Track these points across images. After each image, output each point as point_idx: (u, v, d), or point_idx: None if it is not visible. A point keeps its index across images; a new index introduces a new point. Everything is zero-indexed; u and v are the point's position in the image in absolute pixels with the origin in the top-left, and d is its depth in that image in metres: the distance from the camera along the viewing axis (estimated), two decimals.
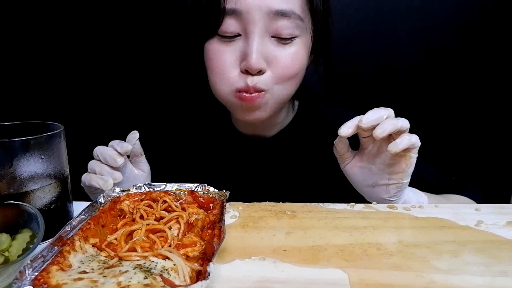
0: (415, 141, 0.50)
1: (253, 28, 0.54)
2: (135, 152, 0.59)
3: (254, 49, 0.54)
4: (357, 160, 0.57)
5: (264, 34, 0.55)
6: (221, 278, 0.35)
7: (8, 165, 0.41)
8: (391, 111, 0.50)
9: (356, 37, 1.01)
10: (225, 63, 0.57)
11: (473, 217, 0.48)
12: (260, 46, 0.55)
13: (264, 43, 0.55)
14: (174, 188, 0.50)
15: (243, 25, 0.55)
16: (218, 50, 0.58)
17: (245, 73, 0.56)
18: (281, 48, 0.57)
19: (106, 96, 1.07)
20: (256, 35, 0.55)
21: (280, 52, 0.57)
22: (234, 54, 0.57)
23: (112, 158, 0.55)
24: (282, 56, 0.57)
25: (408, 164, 0.52)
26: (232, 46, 0.57)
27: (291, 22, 0.55)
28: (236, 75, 0.57)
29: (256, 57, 0.54)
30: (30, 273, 0.30)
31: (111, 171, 0.55)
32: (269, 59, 0.56)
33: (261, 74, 0.56)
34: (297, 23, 0.56)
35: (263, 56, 0.55)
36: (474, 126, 1.08)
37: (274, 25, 0.55)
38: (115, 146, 0.56)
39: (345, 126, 0.50)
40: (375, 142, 0.54)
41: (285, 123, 0.73)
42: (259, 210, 0.50)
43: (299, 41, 0.58)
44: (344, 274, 0.36)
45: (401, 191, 0.54)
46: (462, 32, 1.01)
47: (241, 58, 0.56)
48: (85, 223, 0.39)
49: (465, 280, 0.35)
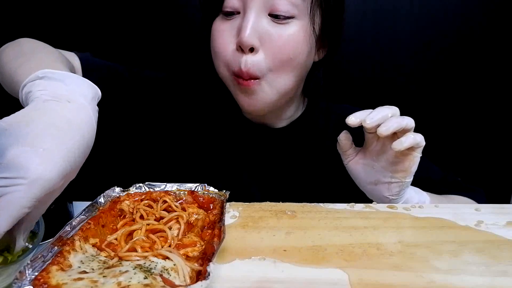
0: (420, 140, 0.50)
1: (250, 3, 0.54)
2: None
3: (248, 24, 0.54)
4: (361, 156, 0.57)
5: (260, 11, 0.55)
6: (221, 278, 0.35)
7: None
8: (396, 109, 0.50)
9: (356, 37, 1.01)
10: (224, 40, 0.57)
11: (473, 217, 0.48)
12: (255, 23, 0.54)
13: (260, 21, 0.55)
14: (174, 188, 0.50)
15: (243, 1, 0.55)
16: (219, 29, 0.58)
17: (239, 51, 0.56)
18: (276, 27, 0.55)
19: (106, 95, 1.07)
20: (252, 11, 0.54)
21: (275, 31, 0.55)
22: (231, 32, 0.57)
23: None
24: (276, 36, 0.55)
25: (412, 163, 0.52)
26: (231, 23, 0.57)
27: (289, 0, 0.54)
28: (230, 52, 0.57)
29: (249, 32, 0.53)
30: (30, 273, 0.30)
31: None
32: (263, 37, 0.55)
33: (254, 53, 0.55)
34: (296, 1, 0.55)
35: (257, 34, 0.55)
36: (475, 126, 1.08)
37: (271, 1, 0.54)
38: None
39: (353, 115, 0.50)
40: (380, 140, 0.54)
41: (295, 117, 0.73)
42: (259, 210, 0.50)
43: (297, 23, 0.56)
44: (344, 274, 0.36)
45: (403, 190, 0.54)
46: (462, 32, 1.01)
47: (237, 34, 0.56)
48: (85, 223, 0.39)
49: (465, 280, 0.35)
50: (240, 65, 0.55)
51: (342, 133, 0.57)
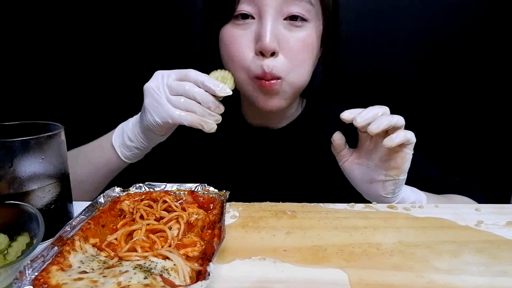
0: (410, 137, 0.51)
1: (266, 9, 0.56)
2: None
3: (268, 29, 0.55)
4: (355, 157, 0.58)
5: (277, 16, 0.57)
6: (221, 278, 0.35)
7: (8, 165, 0.41)
8: (386, 108, 0.51)
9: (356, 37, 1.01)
10: (241, 46, 0.58)
11: (473, 217, 0.48)
12: (273, 28, 0.56)
13: (277, 26, 0.57)
14: (174, 188, 0.50)
15: (257, 7, 0.57)
16: (233, 35, 0.59)
17: (260, 56, 0.57)
18: (292, 31, 0.58)
19: (106, 96, 1.07)
20: (270, 16, 0.56)
21: (292, 35, 0.58)
22: (248, 37, 0.58)
23: (215, 104, 0.52)
24: (293, 39, 0.58)
25: (404, 160, 0.52)
26: (246, 29, 0.58)
27: (302, 6, 0.57)
28: (251, 58, 0.58)
29: (270, 37, 0.55)
30: (30, 273, 0.30)
31: (213, 114, 0.53)
32: (281, 42, 0.57)
33: (275, 57, 0.57)
34: (308, 7, 0.58)
35: (276, 38, 0.56)
36: (475, 126, 1.08)
37: (286, 7, 0.56)
38: (209, 86, 0.52)
39: (349, 111, 0.51)
40: (372, 139, 0.55)
41: (294, 117, 0.74)
42: (259, 210, 0.50)
43: (310, 26, 0.59)
44: (344, 274, 0.36)
45: (398, 188, 0.55)
46: (462, 32, 1.01)
47: (255, 40, 0.57)
48: (85, 223, 0.39)
49: (465, 280, 0.35)
50: (263, 68, 0.57)
51: (336, 133, 0.58)
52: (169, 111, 0.52)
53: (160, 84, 0.53)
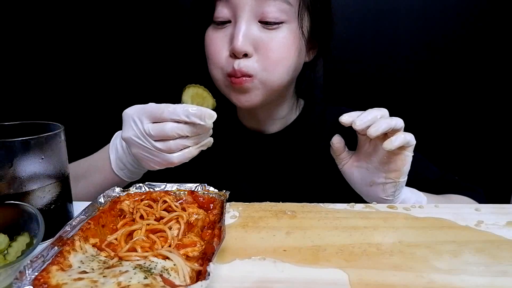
0: (410, 139, 0.51)
1: (240, 12, 0.57)
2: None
3: (240, 32, 0.56)
4: (355, 160, 0.58)
5: (251, 19, 0.57)
6: (221, 278, 0.35)
7: (8, 165, 0.41)
8: (385, 111, 0.51)
9: (356, 37, 1.01)
10: (217, 47, 0.60)
11: (473, 217, 0.48)
12: (247, 30, 0.57)
13: (251, 28, 0.57)
14: (174, 188, 0.50)
15: (233, 11, 0.58)
16: (212, 37, 0.61)
17: (233, 57, 0.58)
18: (267, 33, 0.58)
19: (106, 96, 1.07)
20: (243, 19, 0.57)
21: (267, 36, 0.58)
22: (224, 39, 0.60)
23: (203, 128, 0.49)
24: (268, 41, 0.58)
25: (404, 162, 0.52)
26: (224, 32, 0.60)
27: (278, 6, 0.57)
28: (224, 59, 0.60)
29: (242, 40, 0.56)
30: (30, 273, 0.30)
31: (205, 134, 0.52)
32: (256, 44, 0.58)
33: (248, 58, 0.58)
34: (285, 7, 0.57)
35: (249, 41, 0.57)
36: (474, 126, 1.08)
37: (260, 8, 0.57)
38: (194, 120, 0.47)
39: (348, 114, 0.51)
40: (372, 141, 0.55)
41: (290, 120, 0.73)
42: (259, 210, 0.50)
43: (286, 27, 0.59)
44: (344, 274, 0.36)
45: (398, 190, 0.55)
46: (462, 32, 1.00)
47: (230, 42, 0.59)
48: (85, 223, 0.39)
49: (465, 280, 0.35)
50: (233, 66, 0.58)
51: (335, 136, 0.58)
52: (165, 158, 0.50)
53: (138, 132, 0.49)
